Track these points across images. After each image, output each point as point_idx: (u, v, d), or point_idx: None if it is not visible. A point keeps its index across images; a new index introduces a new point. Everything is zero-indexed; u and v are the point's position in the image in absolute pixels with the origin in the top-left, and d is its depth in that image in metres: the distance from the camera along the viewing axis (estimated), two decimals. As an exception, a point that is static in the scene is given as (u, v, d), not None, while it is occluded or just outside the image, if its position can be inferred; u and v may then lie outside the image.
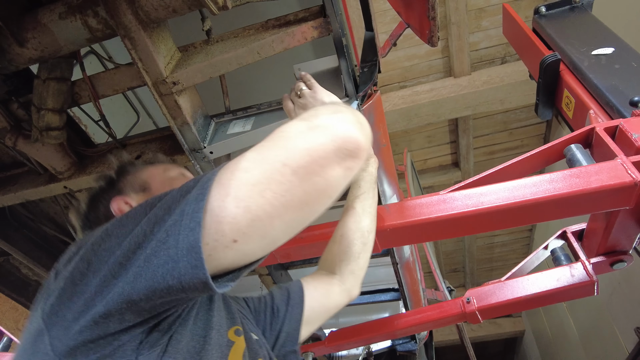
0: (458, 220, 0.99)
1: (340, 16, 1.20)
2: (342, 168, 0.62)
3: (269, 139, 0.64)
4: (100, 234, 0.65)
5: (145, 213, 0.63)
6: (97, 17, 1.21)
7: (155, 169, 1.06)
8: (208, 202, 0.57)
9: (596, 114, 1.18)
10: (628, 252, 1.21)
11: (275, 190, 0.58)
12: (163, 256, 0.57)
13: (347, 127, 0.63)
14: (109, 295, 0.59)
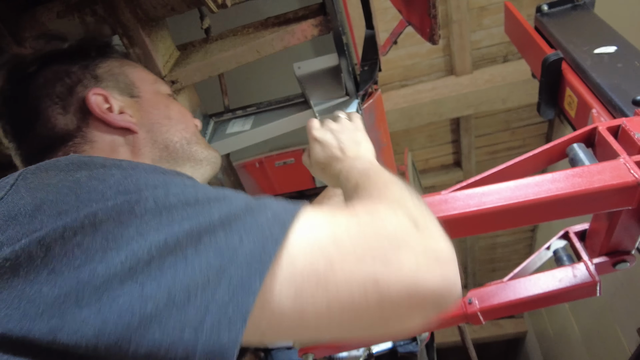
0: (460, 221, 0.98)
1: (341, 14, 1.20)
2: (426, 318, 0.50)
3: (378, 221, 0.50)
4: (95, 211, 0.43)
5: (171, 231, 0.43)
6: (96, 15, 1.21)
7: (145, 74, 0.88)
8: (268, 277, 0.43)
9: (599, 113, 1.17)
10: (631, 253, 1.20)
11: (345, 308, 0.45)
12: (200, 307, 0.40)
13: (455, 271, 0.51)
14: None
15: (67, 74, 0.75)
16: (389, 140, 1.45)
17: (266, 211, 0.48)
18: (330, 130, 0.91)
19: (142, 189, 0.46)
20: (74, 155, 0.56)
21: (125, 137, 0.75)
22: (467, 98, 4.20)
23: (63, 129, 0.72)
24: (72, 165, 0.50)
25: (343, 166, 0.82)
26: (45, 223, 0.42)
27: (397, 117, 4.36)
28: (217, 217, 0.45)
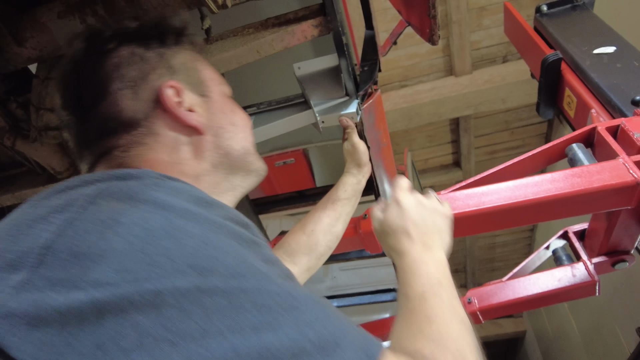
0: (459, 221, 0.98)
1: (341, 14, 1.20)
2: None
3: None
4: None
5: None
6: (96, 15, 1.21)
7: (214, 73, 0.83)
8: None
9: (598, 113, 1.17)
10: (630, 252, 1.21)
11: None
12: None
13: None
14: None
15: (142, 58, 0.70)
16: (388, 140, 1.46)
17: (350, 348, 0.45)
18: (418, 201, 0.82)
19: (216, 271, 0.43)
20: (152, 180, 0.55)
21: (190, 137, 0.72)
22: (467, 98, 4.20)
23: (130, 115, 0.67)
24: (150, 202, 0.48)
25: (412, 250, 0.74)
26: (106, 279, 0.40)
27: (397, 117, 4.36)
28: (308, 340, 0.42)
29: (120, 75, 0.67)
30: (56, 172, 1.64)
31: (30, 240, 0.45)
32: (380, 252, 1.24)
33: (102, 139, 0.67)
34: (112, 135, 0.67)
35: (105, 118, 0.67)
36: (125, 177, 0.55)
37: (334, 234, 1.12)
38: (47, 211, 0.48)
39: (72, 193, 0.52)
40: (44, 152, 1.56)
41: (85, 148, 0.69)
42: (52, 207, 0.49)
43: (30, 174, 1.78)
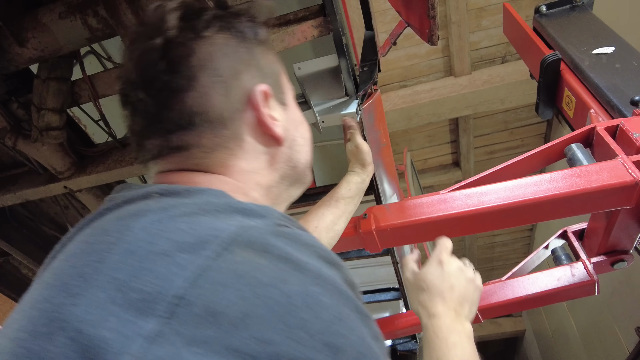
0: (458, 220, 0.99)
1: (340, 15, 1.20)
2: None
3: None
4: None
5: None
6: (97, 16, 1.21)
7: (287, 78, 0.78)
8: None
9: (597, 114, 1.18)
10: (629, 252, 1.21)
11: None
12: None
13: None
14: None
15: (235, 52, 0.64)
16: (388, 140, 1.46)
17: None
18: (459, 268, 0.84)
19: (345, 351, 0.42)
20: (278, 227, 0.51)
21: (269, 147, 0.68)
22: (466, 98, 4.21)
23: (218, 113, 0.62)
24: (286, 260, 0.46)
25: (445, 315, 0.76)
26: (247, 349, 0.39)
27: (397, 117, 4.37)
28: None
29: (214, 67, 0.61)
30: (57, 172, 1.64)
31: (158, 282, 0.42)
32: (379, 251, 1.25)
33: (182, 131, 0.61)
34: (195, 130, 0.61)
35: (191, 110, 0.60)
36: (250, 213, 0.51)
37: (335, 231, 1.12)
38: (171, 246, 0.44)
39: (193, 221, 0.48)
40: (45, 152, 1.56)
41: (156, 135, 0.63)
42: (174, 239, 0.45)
43: (32, 173, 1.78)
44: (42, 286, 0.48)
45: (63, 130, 1.49)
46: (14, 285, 2.57)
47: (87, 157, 1.71)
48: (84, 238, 0.52)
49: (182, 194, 0.55)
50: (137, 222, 0.48)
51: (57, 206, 2.10)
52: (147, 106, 0.61)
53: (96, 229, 0.52)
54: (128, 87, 0.62)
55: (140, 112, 0.62)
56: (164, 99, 0.60)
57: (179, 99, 0.60)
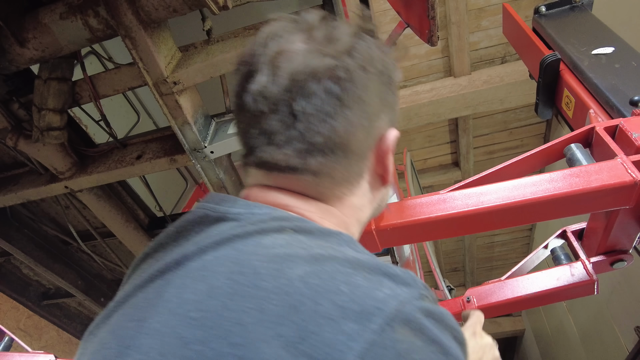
0: (458, 220, 0.99)
1: (340, 16, 1.21)
2: None
3: None
4: None
5: None
6: (98, 17, 1.22)
7: None
8: None
9: (596, 114, 1.18)
10: (628, 252, 1.21)
11: None
12: None
13: None
14: None
15: (383, 93, 0.64)
16: (388, 140, 1.46)
17: None
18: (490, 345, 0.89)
19: None
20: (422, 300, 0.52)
21: (376, 187, 0.69)
22: (466, 99, 4.21)
23: (356, 147, 0.62)
24: (435, 343, 0.48)
25: None
26: None
27: (396, 117, 4.36)
28: None
29: (367, 103, 0.61)
30: (58, 172, 1.65)
31: (328, 350, 0.43)
32: (379, 251, 1.25)
33: (322, 157, 0.60)
34: (332, 159, 0.60)
35: (337, 139, 0.59)
36: (398, 280, 0.52)
37: None
38: (336, 311, 0.45)
39: (351, 283, 0.49)
40: (46, 152, 1.56)
41: (293, 151, 0.60)
42: (338, 304, 0.46)
43: (33, 173, 1.79)
44: (182, 318, 0.47)
45: (64, 130, 1.49)
46: (15, 285, 2.57)
47: (88, 157, 1.72)
48: (225, 272, 0.50)
49: (317, 235, 0.56)
50: (292, 271, 0.49)
51: (58, 206, 2.10)
52: (295, 118, 0.58)
53: (240, 264, 0.51)
54: (274, 88, 0.58)
55: (278, 120, 0.59)
56: (316, 119, 0.58)
57: (331, 125, 0.58)
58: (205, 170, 1.57)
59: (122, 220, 2.06)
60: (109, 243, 2.33)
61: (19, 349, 2.27)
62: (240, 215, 0.58)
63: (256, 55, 0.61)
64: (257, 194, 0.64)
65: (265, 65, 0.59)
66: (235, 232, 0.55)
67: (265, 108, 0.59)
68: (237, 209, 0.60)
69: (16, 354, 1.51)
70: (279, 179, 0.63)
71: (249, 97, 0.60)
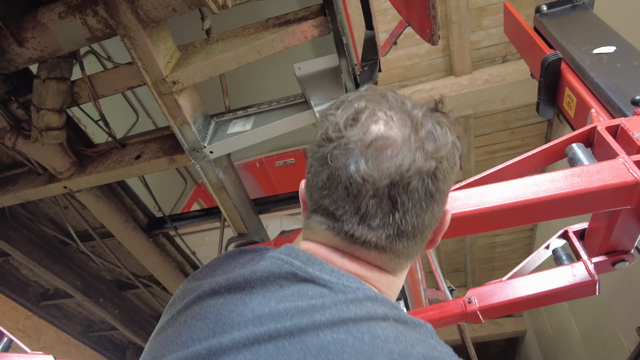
0: (459, 220, 0.99)
1: (341, 15, 1.20)
2: None
3: None
4: None
5: None
6: (97, 16, 1.21)
7: None
8: None
9: (598, 113, 1.17)
10: (630, 252, 1.21)
11: None
12: None
13: None
14: None
15: (452, 181, 0.71)
16: (388, 140, 1.46)
17: None
18: None
19: None
20: None
21: None
22: (466, 98, 4.21)
23: (428, 231, 0.70)
24: None
25: None
26: None
27: (397, 117, 4.36)
28: None
29: (445, 194, 0.69)
30: (57, 172, 1.64)
31: None
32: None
33: (407, 241, 0.67)
34: (412, 242, 0.68)
35: (419, 228, 0.67)
36: None
37: None
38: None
39: None
40: (45, 152, 1.56)
41: (383, 233, 0.65)
42: None
43: (31, 174, 1.78)
44: None
45: (63, 130, 1.48)
46: (14, 285, 2.57)
47: (87, 157, 1.71)
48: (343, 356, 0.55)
49: (412, 327, 0.62)
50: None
51: (57, 206, 2.09)
52: (394, 208, 0.64)
53: (366, 356, 0.55)
54: (380, 178, 0.62)
55: (382, 207, 0.64)
56: (412, 213, 0.64)
57: (420, 216, 0.65)
58: (204, 170, 1.57)
59: (121, 220, 2.06)
60: (108, 243, 2.33)
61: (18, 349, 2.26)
62: (331, 284, 0.63)
63: (353, 128, 0.65)
64: (338, 260, 0.68)
65: (368, 148, 0.63)
66: (346, 315, 0.59)
67: (364, 191, 0.63)
68: (327, 275, 0.64)
69: (15, 355, 1.51)
70: (360, 251, 0.68)
71: (348, 174, 0.63)
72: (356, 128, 0.64)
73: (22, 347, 2.22)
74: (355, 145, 0.63)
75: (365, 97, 0.68)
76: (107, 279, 2.73)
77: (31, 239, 2.26)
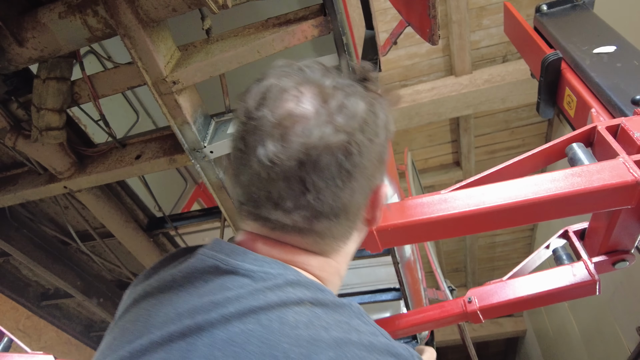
0: (459, 220, 0.99)
1: (341, 15, 1.20)
2: None
3: None
4: None
5: None
6: (97, 16, 1.21)
7: None
8: None
9: (598, 113, 1.17)
10: (630, 252, 1.21)
11: None
12: None
13: None
14: None
15: (380, 155, 0.67)
16: (389, 140, 1.45)
17: None
18: None
19: None
20: None
21: (362, 232, 0.74)
22: (467, 98, 4.21)
23: (355, 209, 0.66)
24: None
25: None
26: None
27: (397, 116, 4.28)
28: None
29: (367, 169, 0.64)
30: (57, 172, 1.64)
31: None
32: (380, 251, 1.24)
33: (326, 221, 0.64)
34: (335, 221, 0.65)
35: (340, 206, 0.63)
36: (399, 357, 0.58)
37: None
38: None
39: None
40: (45, 152, 1.56)
41: (299, 214, 0.63)
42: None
43: (32, 174, 1.78)
44: None
45: (63, 130, 1.48)
46: (14, 285, 2.57)
47: (87, 157, 1.71)
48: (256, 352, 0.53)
49: (332, 308, 0.59)
50: (317, 357, 0.53)
51: (57, 206, 2.10)
52: (299, 187, 0.60)
53: (270, 345, 0.53)
54: (288, 160, 0.59)
55: (287, 188, 0.61)
56: (326, 192, 0.61)
57: (336, 194, 0.62)
58: (204, 170, 1.57)
59: (121, 220, 2.06)
60: (108, 243, 2.33)
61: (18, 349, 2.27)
62: (253, 273, 0.61)
63: (262, 109, 0.61)
64: (261, 247, 0.66)
65: (275, 128, 0.59)
66: (257, 304, 0.57)
67: (274, 175, 0.60)
68: (249, 264, 0.62)
69: (15, 355, 1.51)
70: (283, 235, 0.66)
71: (257, 159, 0.60)
72: (265, 109, 0.61)
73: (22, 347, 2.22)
74: (263, 127, 0.60)
75: (274, 74, 0.65)
76: (107, 279, 2.73)
77: (31, 239, 2.26)
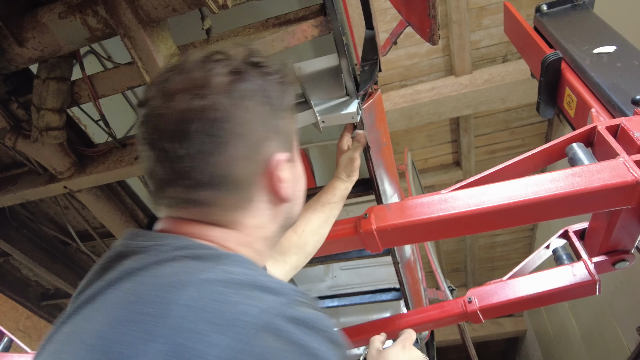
0: (459, 220, 0.99)
1: (341, 15, 1.20)
2: None
3: None
4: None
5: None
6: (97, 16, 1.21)
7: (297, 140, 0.79)
8: None
9: (598, 113, 1.17)
10: (630, 251, 1.21)
11: None
12: None
13: None
14: None
15: (265, 121, 0.67)
16: (388, 139, 1.46)
17: None
18: (421, 356, 0.96)
19: None
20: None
21: (274, 205, 0.73)
22: (467, 98, 4.21)
23: (239, 177, 0.66)
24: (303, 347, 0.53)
25: None
26: None
27: (397, 116, 4.36)
28: None
29: (245, 135, 0.65)
30: (57, 172, 1.64)
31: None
32: (380, 251, 1.24)
33: (205, 189, 0.65)
34: (217, 190, 0.66)
35: (217, 173, 0.64)
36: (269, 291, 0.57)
37: (321, 235, 1.17)
38: (207, 328, 0.51)
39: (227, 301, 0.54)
40: (45, 152, 1.56)
41: (179, 187, 0.65)
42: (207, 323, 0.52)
43: (32, 174, 1.78)
44: (85, 346, 0.54)
45: (63, 130, 1.48)
46: (14, 285, 2.57)
47: (87, 157, 1.71)
48: (121, 302, 0.56)
49: (207, 259, 0.61)
50: (176, 297, 0.54)
51: (57, 206, 2.09)
52: (176, 159, 0.63)
53: (135, 294, 0.56)
54: (158, 135, 0.63)
55: (167, 162, 0.64)
56: (194, 158, 0.63)
57: (209, 162, 0.63)
58: (204, 170, 1.57)
59: (121, 220, 2.06)
60: (108, 243, 2.32)
61: (18, 349, 2.27)
62: (146, 248, 0.63)
63: (146, 95, 0.67)
64: (168, 225, 0.69)
65: (143, 107, 0.66)
66: (137, 265, 0.60)
67: (146, 152, 0.66)
68: (147, 242, 0.64)
69: (15, 355, 1.51)
70: (180, 211, 0.68)
71: (140, 143, 0.66)
72: (149, 93, 0.67)
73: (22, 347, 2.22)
74: (141, 112, 0.66)
75: (167, 67, 0.69)
76: (107, 279, 2.73)
77: (31, 239, 2.26)
